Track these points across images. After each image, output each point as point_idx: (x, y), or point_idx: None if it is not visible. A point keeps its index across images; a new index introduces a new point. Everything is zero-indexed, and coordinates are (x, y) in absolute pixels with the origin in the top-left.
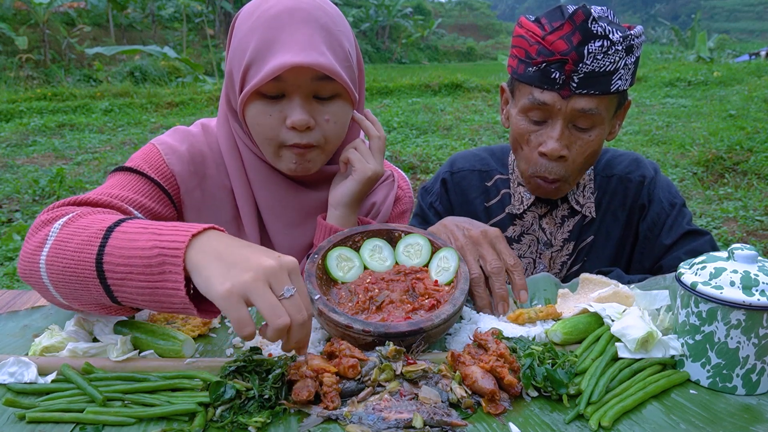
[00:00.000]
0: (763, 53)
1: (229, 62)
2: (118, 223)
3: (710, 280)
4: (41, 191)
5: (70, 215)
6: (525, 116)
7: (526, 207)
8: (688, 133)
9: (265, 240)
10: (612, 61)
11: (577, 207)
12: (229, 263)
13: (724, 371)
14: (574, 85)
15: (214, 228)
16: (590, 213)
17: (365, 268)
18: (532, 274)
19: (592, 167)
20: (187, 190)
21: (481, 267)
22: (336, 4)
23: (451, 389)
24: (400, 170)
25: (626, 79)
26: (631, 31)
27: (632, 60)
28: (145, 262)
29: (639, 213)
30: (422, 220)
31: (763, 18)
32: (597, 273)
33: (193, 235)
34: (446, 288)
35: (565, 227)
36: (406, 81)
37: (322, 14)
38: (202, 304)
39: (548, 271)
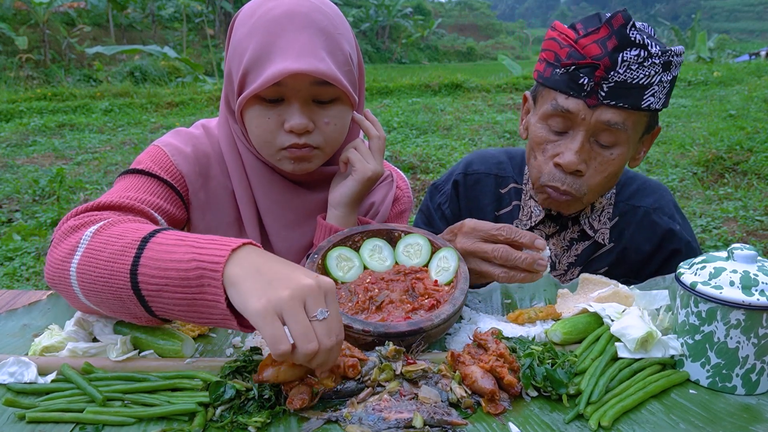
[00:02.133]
0: (763, 53)
1: (228, 64)
2: (153, 234)
3: (710, 279)
4: (41, 191)
5: (102, 223)
6: (545, 124)
7: (533, 224)
8: (688, 133)
9: (265, 241)
10: (647, 74)
11: (589, 231)
12: (267, 279)
13: (724, 371)
14: (603, 94)
15: (251, 243)
16: (603, 240)
17: (365, 268)
18: None
19: (614, 193)
20: (193, 191)
21: (490, 263)
22: (336, 4)
23: (450, 389)
24: (398, 170)
25: (659, 98)
26: (672, 48)
27: (668, 78)
28: (183, 275)
29: (671, 256)
30: (426, 220)
31: (763, 18)
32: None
33: (233, 250)
34: (446, 288)
35: (573, 251)
36: (406, 81)
37: (321, 17)
38: (240, 316)
39: None
